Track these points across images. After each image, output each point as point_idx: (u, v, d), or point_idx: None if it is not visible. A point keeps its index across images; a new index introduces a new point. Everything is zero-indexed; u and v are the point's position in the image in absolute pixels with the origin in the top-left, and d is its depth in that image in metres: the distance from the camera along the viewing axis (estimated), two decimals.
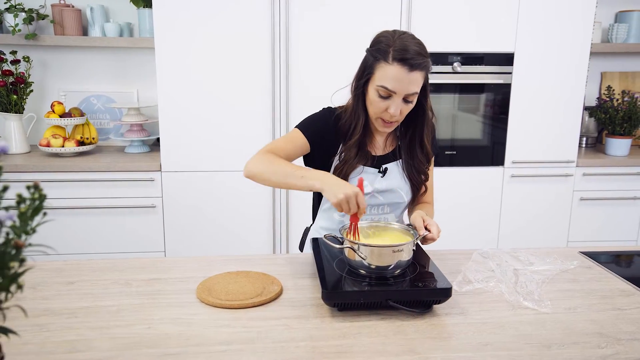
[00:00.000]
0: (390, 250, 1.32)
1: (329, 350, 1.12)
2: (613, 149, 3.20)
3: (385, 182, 1.62)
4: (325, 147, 1.62)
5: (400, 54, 1.42)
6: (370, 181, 1.61)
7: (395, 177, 1.63)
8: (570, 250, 1.73)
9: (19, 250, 0.67)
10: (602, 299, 1.38)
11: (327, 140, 1.61)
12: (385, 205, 1.65)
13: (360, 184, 1.38)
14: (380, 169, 1.62)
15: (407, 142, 1.64)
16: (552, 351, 1.13)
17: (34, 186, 0.68)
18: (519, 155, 3.01)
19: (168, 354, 1.10)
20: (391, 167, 1.63)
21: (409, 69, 1.42)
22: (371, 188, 1.61)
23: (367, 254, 1.32)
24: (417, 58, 1.42)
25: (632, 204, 3.16)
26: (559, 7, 2.87)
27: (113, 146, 3.27)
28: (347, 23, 2.76)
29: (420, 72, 1.46)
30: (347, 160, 1.58)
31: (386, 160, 1.64)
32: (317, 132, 1.61)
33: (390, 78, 1.44)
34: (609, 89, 3.30)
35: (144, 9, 3.03)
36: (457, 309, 1.31)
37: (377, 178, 1.62)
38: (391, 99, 1.47)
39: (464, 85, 2.93)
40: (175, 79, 2.75)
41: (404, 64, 1.42)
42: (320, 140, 1.61)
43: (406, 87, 1.44)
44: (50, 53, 3.18)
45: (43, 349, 1.10)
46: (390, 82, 1.44)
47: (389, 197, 1.64)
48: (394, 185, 1.63)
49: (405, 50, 1.42)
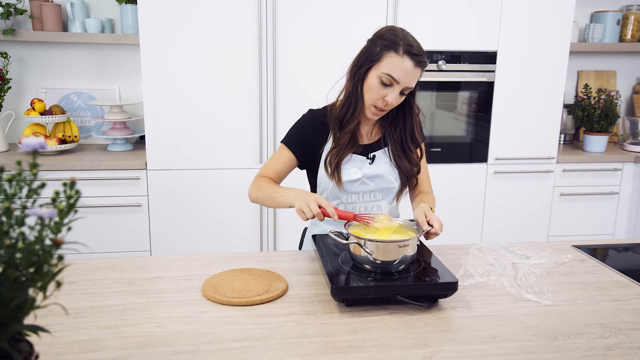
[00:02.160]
0: (396, 246, 1.33)
1: (342, 345, 1.13)
2: (590, 146, 3.28)
3: (374, 168, 1.67)
4: (312, 148, 1.69)
5: (411, 49, 1.50)
6: (359, 167, 1.66)
7: (383, 163, 1.68)
8: (564, 244, 1.77)
9: (57, 248, 0.66)
10: (599, 290, 1.43)
11: (313, 142, 1.69)
12: (376, 192, 1.69)
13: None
14: (369, 156, 1.67)
15: (397, 135, 1.69)
16: (559, 342, 1.16)
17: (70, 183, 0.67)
18: (502, 152, 3.07)
19: (182, 352, 1.09)
20: (379, 155, 1.69)
21: (415, 64, 1.51)
22: (360, 174, 1.65)
23: (373, 249, 1.33)
24: (423, 56, 1.53)
25: (609, 199, 3.25)
26: (540, 7, 2.93)
27: (95, 144, 3.21)
28: (334, 23, 2.76)
29: (421, 70, 1.55)
30: (341, 147, 1.63)
31: (372, 149, 1.69)
32: (301, 141, 1.70)
33: (398, 68, 1.50)
34: (586, 87, 3.39)
35: (126, 5, 2.98)
36: (462, 302, 1.33)
37: (365, 164, 1.67)
38: (391, 88, 1.53)
39: (448, 83, 2.97)
40: (160, 76, 2.72)
41: (413, 59, 1.50)
42: (306, 146, 1.70)
43: (409, 80, 1.52)
44: (29, 49, 3.10)
45: (53, 350, 1.08)
46: (398, 72, 1.50)
47: (379, 182, 1.68)
48: (382, 170, 1.68)
49: (414, 47, 1.51)
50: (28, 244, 0.63)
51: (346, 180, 1.64)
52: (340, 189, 1.65)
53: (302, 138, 1.69)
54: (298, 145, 1.69)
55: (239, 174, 2.84)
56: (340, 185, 1.64)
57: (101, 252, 2.79)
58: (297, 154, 1.69)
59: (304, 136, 1.69)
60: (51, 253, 0.64)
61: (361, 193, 1.68)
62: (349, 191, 1.66)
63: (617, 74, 3.67)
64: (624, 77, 3.70)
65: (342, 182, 1.63)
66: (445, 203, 3.07)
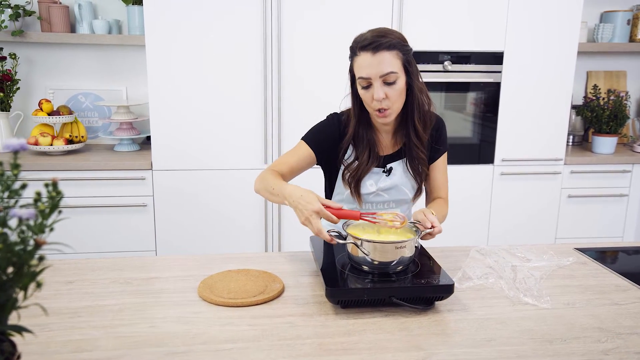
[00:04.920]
0: (392, 247, 1.33)
1: (336, 347, 1.13)
2: (599, 147, 3.24)
3: (390, 181, 1.65)
4: (333, 151, 1.66)
5: (362, 43, 1.50)
6: (375, 181, 1.65)
7: (399, 174, 1.66)
8: (566, 247, 1.76)
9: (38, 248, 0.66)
10: (599, 294, 1.41)
11: (334, 146, 1.66)
12: (390, 202, 1.69)
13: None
14: (385, 169, 1.65)
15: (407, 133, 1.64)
16: (555, 346, 1.15)
17: (52, 184, 0.68)
18: (509, 153, 3.05)
19: (175, 352, 1.09)
20: (395, 166, 1.66)
21: (372, 52, 1.48)
22: (376, 187, 1.64)
23: (370, 249, 1.32)
24: (377, 40, 1.48)
25: (618, 201, 3.21)
26: (547, 7, 2.91)
27: (102, 144, 3.24)
28: (339, 23, 2.76)
29: (388, 52, 1.49)
30: (360, 164, 1.61)
31: (392, 160, 1.67)
32: (322, 140, 1.65)
33: (361, 67, 1.50)
34: (595, 88, 3.35)
35: (133, 6, 3.00)
36: (458, 305, 1.32)
37: (381, 177, 1.65)
38: (372, 87, 1.51)
39: (454, 83, 2.95)
40: (166, 76, 2.73)
41: (367, 49, 1.48)
42: (327, 147, 1.65)
43: (377, 69, 1.48)
44: (38, 50, 3.13)
45: (48, 349, 1.09)
46: (362, 70, 1.50)
47: (393, 194, 1.66)
48: (398, 182, 1.66)
49: (365, 39, 1.50)
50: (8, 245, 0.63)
51: (362, 193, 1.63)
52: (359, 204, 1.65)
53: (324, 138, 1.65)
54: (319, 144, 1.65)
55: (243, 174, 2.84)
56: (360, 200, 1.64)
57: (106, 252, 2.81)
58: (317, 152, 1.64)
59: (326, 137, 1.65)
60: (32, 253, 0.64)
61: (374, 203, 1.68)
62: (364, 200, 1.66)
63: (627, 75, 3.62)
64: (634, 78, 3.66)
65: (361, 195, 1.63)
66: (451, 204, 3.04)
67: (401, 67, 1.51)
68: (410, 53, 1.54)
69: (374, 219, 1.41)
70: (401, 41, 1.51)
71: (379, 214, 1.43)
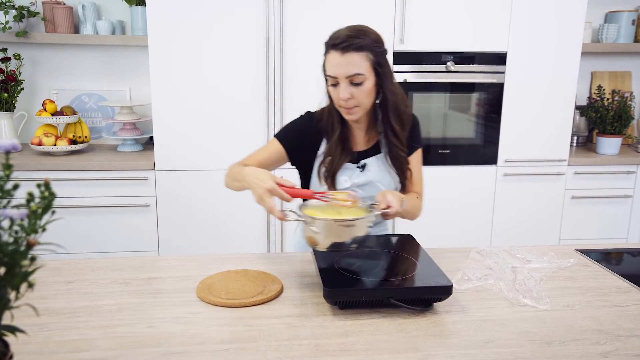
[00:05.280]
0: (342, 226, 1.32)
1: (332, 348, 1.12)
2: (604, 148, 3.23)
3: (364, 177, 1.66)
4: (307, 149, 1.68)
5: (333, 41, 1.51)
6: (349, 176, 1.65)
7: (374, 170, 1.67)
8: (567, 248, 1.75)
9: (30, 249, 0.66)
10: (599, 296, 1.40)
11: (308, 143, 1.67)
12: (365, 198, 1.67)
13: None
14: (359, 164, 1.66)
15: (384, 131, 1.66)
16: (553, 348, 1.14)
17: (44, 184, 0.68)
18: (512, 154, 3.04)
19: (171, 352, 1.10)
20: (370, 162, 1.67)
21: (341, 52, 1.49)
22: (350, 183, 1.65)
23: (320, 228, 1.32)
24: (348, 40, 1.48)
25: (623, 202, 3.19)
26: (550, 7, 2.90)
27: (105, 145, 3.25)
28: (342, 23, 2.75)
29: (357, 53, 1.49)
30: (334, 159, 1.62)
31: (366, 155, 1.68)
32: (294, 138, 1.67)
33: (330, 65, 1.52)
34: (600, 89, 3.34)
35: (137, 7, 3.01)
36: (457, 306, 1.32)
37: (355, 173, 1.66)
38: (339, 86, 1.52)
39: (457, 84, 2.94)
40: (168, 77, 2.74)
41: (337, 48, 1.49)
42: (300, 145, 1.67)
43: (344, 69, 1.49)
44: (41, 51, 3.15)
45: (45, 349, 1.09)
46: (331, 69, 1.52)
47: (368, 190, 1.67)
48: (372, 178, 1.67)
49: (336, 37, 1.51)
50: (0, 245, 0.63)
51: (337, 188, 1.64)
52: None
53: (297, 136, 1.68)
54: (291, 141, 1.67)
55: None
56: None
57: (109, 252, 2.82)
58: (288, 149, 1.66)
59: (299, 135, 1.68)
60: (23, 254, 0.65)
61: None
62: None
63: (632, 75, 3.60)
64: (639, 78, 3.64)
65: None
66: (454, 205, 3.05)
67: (370, 69, 1.52)
68: (383, 54, 1.55)
69: (326, 198, 1.42)
70: (374, 42, 1.52)
71: (332, 193, 1.44)
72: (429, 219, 3.04)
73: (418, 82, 2.90)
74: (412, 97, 2.91)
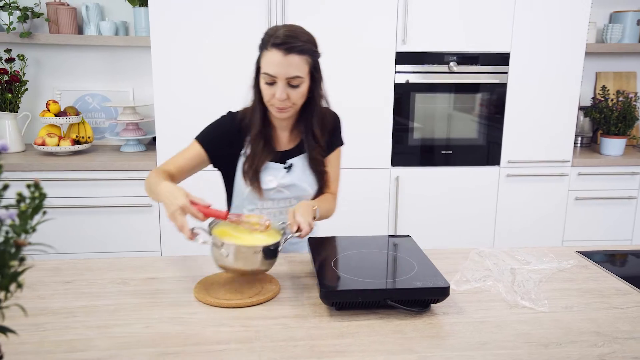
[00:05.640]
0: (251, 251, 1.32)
1: (328, 349, 1.12)
2: (608, 149, 3.21)
3: (290, 177, 1.66)
4: (229, 151, 1.67)
5: (277, 40, 1.48)
6: (275, 176, 1.65)
7: (299, 171, 1.68)
8: (567, 250, 1.74)
9: (19, 249, 0.66)
10: (598, 297, 1.39)
11: (229, 144, 1.66)
12: (291, 199, 1.70)
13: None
14: (286, 165, 1.66)
15: (306, 133, 1.67)
16: (550, 350, 1.13)
17: (34, 185, 0.68)
18: (515, 154, 3.02)
19: (166, 353, 1.10)
20: (295, 162, 1.68)
21: (284, 53, 1.48)
22: (276, 183, 1.65)
23: (230, 251, 1.31)
24: (293, 42, 1.48)
25: (627, 204, 3.17)
26: (554, 8, 2.88)
27: (108, 145, 3.26)
28: (345, 24, 2.76)
29: (299, 56, 1.50)
30: (255, 155, 1.62)
31: (290, 155, 1.68)
32: (215, 139, 1.66)
33: (270, 63, 1.50)
34: (604, 89, 3.32)
35: (140, 8, 3.02)
36: (454, 308, 1.32)
37: (281, 173, 1.66)
38: (276, 85, 1.52)
39: (460, 84, 2.94)
40: (171, 77, 2.74)
41: (280, 48, 1.48)
42: (220, 146, 1.66)
43: (285, 70, 1.49)
44: (45, 51, 3.16)
45: (41, 349, 1.10)
46: (271, 67, 1.50)
47: (294, 190, 1.67)
48: (298, 179, 1.67)
49: (282, 37, 1.48)
50: None
51: (262, 188, 1.64)
52: (260, 197, 1.65)
53: (218, 138, 1.66)
54: (212, 143, 1.65)
55: None
56: (261, 193, 1.63)
57: (111, 252, 2.83)
58: (209, 152, 1.64)
59: (220, 136, 1.66)
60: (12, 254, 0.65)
61: (276, 200, 1.68)
62: (265, 197, 1.66)
63: (637, 75, 3.58)
64: None
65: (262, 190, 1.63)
66: (457, 206, 3.04)
67: (307, 73, 1.54)
68: (318, 58, 1.57)
69: (238, 220, 1.41)
70: (312, 46, 1.53)
71: (246, 216, 1.44)
72: (431, 220, 3.03)
73: (420, 83, 2.89)
74: (415, 98, 2.91)
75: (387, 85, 2.86)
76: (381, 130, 2.91)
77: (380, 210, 2.99)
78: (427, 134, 2.97)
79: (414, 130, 2.96)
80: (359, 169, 2.93)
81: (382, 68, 2.84)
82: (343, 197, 2.99)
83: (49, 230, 2.76)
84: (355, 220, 2.96)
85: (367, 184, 2.96)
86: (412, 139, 2.96)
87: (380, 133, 2.91)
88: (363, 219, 2.98)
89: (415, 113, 2.93)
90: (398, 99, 2.90)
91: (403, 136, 2.95)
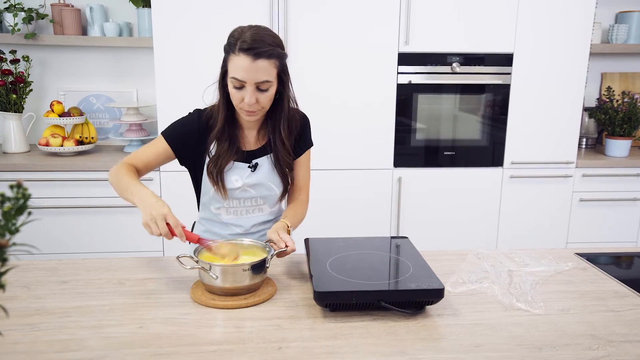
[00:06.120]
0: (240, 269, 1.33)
1: (320, 350, 1.12)
2: (613, 150, 3.19)
3: (255, 177, 1.66)
4: (195, 148, 1.66)
5: (245, 44, 1.46)
6: (241, 175, 1.65)
7: (265, 170, 1.67)
8: (566, 252, 1.72)
9: (1, 250, 0.66)
10: (595, 300, 1.38)
11: (195, 141, 1.65)
12: (257, 198, 1.69)
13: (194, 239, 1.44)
14: (251, 164, 1.66)
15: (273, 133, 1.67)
16: (544, 353, 1.12)
17: (17, 185, 0.68)
18: (519, 156, 3.01)
19: (159, 353, 1.10)
20: (261, 162, 1.67)
21: (253, 58, 1.46)
22: (241, 182, 1.65)
23: (219, 273, 1.32)
24: (262, 47, 1.47)
25: (632, 205, 3.15)
26: (558, 8, 2.86)
27: (112, 146, 3.28)
28: (346, 25, 2.76)
29: (268, 61, 1.49)
30: (220, 154, 1.62)
31: (257, 155, 1.68)
32: (181, 136, 1.65)
33: (238, 68, 1.48)
34: (609, 90, 3.29)
35: (143, 9, 3.03)
36: (449, 310, 1.31)
37: (246, 172, 1.66)
38: (245, 89, 1.51)
39: (464, 85, 2.92)
40: (174, 78, 2.75)
41: (248, 53, 1.46)
42: (186, 143, 1.65)
43: (254, 75, 1.48)
44: (50, 52, 3.18)
45: (34, 349, 1.10)
46: (239, 72, 1.48)
47: (260, 190, 1.68)
48: (264, 179, 1.67)
49: (250, 41, 1.47)
50: None
51: (227, 187, 1.63)
52: (225, 197, 1.65)
53: (184, 135, 1.64)
54: (178, 140, 1.64)
55: None
56: (225, 193, 1.63)
57: (113, 252, 2.84)
58: (175, 148, 1.64)
59: (187, 134, 1.64)
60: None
61: (242, 199, 1.68)
62: (230, 197, 1.66)
63: None
64: None
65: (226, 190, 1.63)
66: (460, 208, 3.03)
67: (276, 76, 1.53)
68: (285, 60, 1.56)
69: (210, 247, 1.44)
70: (280, 49, 1.52)
71: (219, 243, 1.47)
72: (433, 221, 3.02)
73: (422, 84, 2.88)
74: (417, 98, 2.90)
75: (390, 86, 2.86)
76: (384, 131, 2.90)
77: (383, 211, 2.99)
78: (429, 134, 2.96)
79: (416, 131, 2.95)
80: (362, 170, 2.93)
81: (384, 69, 2.83)
82: (345, 197, 3.00)
83: (51, 230, 2.79)
84: (358, 220, 2.95)
85: (370, 185, 2.95)
86: (415, 139, 2.96)
87: (382, 134, 2.91)
88: (365, 219, 2.97)
89: (417, 114, 2.92)
90: (400, 99, 2.89)
91: (405, 137, 2.94)
